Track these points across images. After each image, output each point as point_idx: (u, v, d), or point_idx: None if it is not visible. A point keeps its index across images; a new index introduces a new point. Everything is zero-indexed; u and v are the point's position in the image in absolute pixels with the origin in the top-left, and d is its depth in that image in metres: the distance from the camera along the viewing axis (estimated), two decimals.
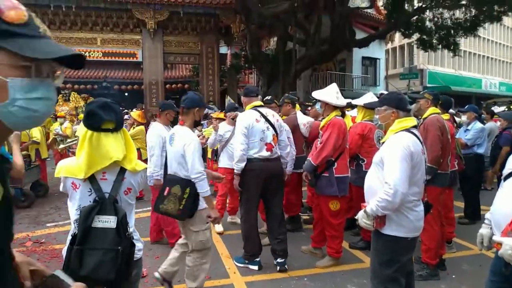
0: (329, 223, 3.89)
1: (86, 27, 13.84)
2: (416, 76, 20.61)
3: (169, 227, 4.56)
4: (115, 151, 1.88)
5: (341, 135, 3.76)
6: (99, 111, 1.88)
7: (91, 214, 1.80)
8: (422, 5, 12.57)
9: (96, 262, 1.75)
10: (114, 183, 1.91)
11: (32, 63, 0.80)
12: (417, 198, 2.43)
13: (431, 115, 3.77)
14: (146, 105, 14.01)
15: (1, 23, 0.77)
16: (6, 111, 0.79)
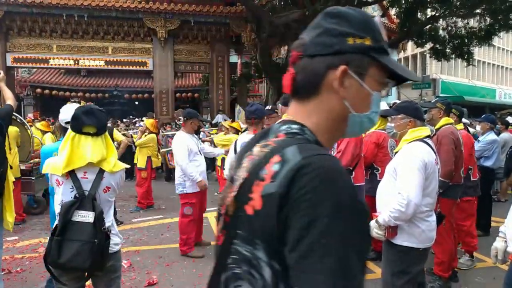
0: None
1: (98, 36, 14.03)
2: (428, 86, 20.38)
3: (184, 235, 4.53)
4: (91, 154, 2.10)
5: (358, 144, 3.72)
6: (82, 116, 2.11)
7: (71, 209, 2.03)
8: (435, 14, 12.46)
9: (74, 252, 1.98)
10: (94, 182, 2.12)
11: (389, 81, 0.84)
12: (430, 208, 2.40)
13: (444, 125, 3.67)
14: (157, 113, 14.06)
15: (381, 40, 0.80)
16: (361, 120, 0.81)
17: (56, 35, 13.78)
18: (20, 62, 13.82)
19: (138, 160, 7.05)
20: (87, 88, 20.24)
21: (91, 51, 14.06)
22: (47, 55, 13.80)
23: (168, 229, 5.62)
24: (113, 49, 14.19)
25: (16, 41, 13.57)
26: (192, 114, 4.65)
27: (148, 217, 6.38)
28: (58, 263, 2.02)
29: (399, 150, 2.47)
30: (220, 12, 13.62)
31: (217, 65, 14.94)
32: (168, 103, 14.55)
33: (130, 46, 14.28)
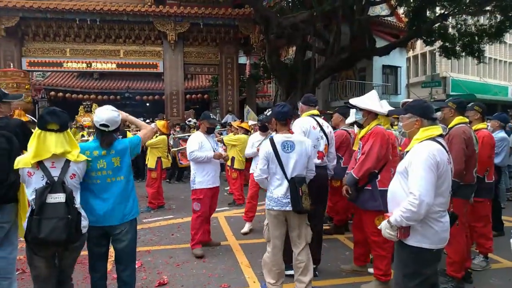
0: (375, 241, 3.54)
1: (110, 39, 14.28)
2: (438, 84, 20.16)
3: (192, 231, 4.66)
4: (55, 147, 2.49)
5: (384, 145, 3.50)
6: (46, 116, 2.51)
7: (45, 193, 2.41)
8: (444, 12, 12.34)
9: (51, 227, 2.36)
10: (62, 169, 2.53)
11: None
12: (443, 208, 2.35)
13: (457, 125, 3.63)
14: (167, 115, 14.25)
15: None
16: None
17: (69, 39, 14.07)
18: (35, 66, 14.15)
19: (148, 160, 7.22)
20: (100, 90, 20.55)
21: (103, 54, 14.32)
22: (60, 59, 14.10)
23: (178, 229, 5.71)
24: (124, 52, 14.44)
25: (31, 46, 13.90)
26: (203, 116, 4.88)
27: (158, 217, 6.49)
28: (38, 238, 2.37)
29: (410, 149, 2.42)
30: (228, 14, 13.74)
31: (226, 67, 15.08)
32: (178, 104, 14.74)
33: (141, 49, 14.51)
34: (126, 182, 2.93)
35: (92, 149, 2.82)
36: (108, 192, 2.85)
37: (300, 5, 13.56)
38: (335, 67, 13.53)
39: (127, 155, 2.92)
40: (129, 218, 2.94)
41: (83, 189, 2.79)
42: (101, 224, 2.84)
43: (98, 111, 2.88)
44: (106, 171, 2.82)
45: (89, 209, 2.81)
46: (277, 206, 3.26)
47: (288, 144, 3.27)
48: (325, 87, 16.79)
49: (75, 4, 12.92)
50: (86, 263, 4.18)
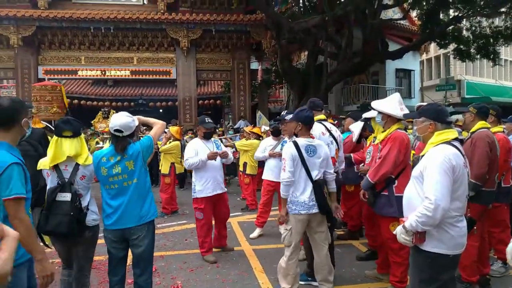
0: (391, 248, 3.50)
1: (123, 47, 14.51)
2: (453, 87, 19.82)
3: (199, 239, 4.69)
4: (69, 150, 2.80)
5: (402, 150, 3.42)
6: (61, 124, 2.85)
7: (55, 192, 2.76)
8: (458, 14, 12.20)
9: (57, 222, 2.69)
10: (72, 172, 2.83)
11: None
12: (460, 213, 2.31)
13: (479, 129, 3.58)
14: (180, 120, 14.36)
15: None
16: None
17: (84, 47, 14.34)
18: (51, 74, 14.41)
19: (162, 166, 7.27)
20: (114, 97, 20.86)
21: (117, 61, 14.54)
22: (76, 67, 14.35)
23: (192, 234, 5.71)
24: (138, 59, 14.64)
25: (47, 54, 14.21)
26: (199, 121, 4.85)
27: (172, 222, 6.53)
28: (45, 229, 2.72)
29: (425, 153, 2.39)
30: (240, 21, 13.83)
31: (238, 72, 15.15)
32: (191, 110, 14.85)
33: (154, 56, 14.69)
34: (142, 183, 3.00)
35: (108, 155, 2.95)
36: (125, 195, 2.95)
37: (312, 10, 13.57)
38: (347, 71, 13.48)
39: (140, 158, 2.99)
40: (146, 220, 3.00)
41: (103, 194, 3.00)
42: (118, 226, 2.94)
43: (113, 117, 2.98)
44: (122, 176, 2.93)
45: (107, 212, 2.95)
46: (304, 210, 3.32)
47: (310, 148, 3.37)
48: (337, 91, 16.72)
49: (89, 13, 13.18)
50: (102, 268, 4.25)
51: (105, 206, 3.00)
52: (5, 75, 14.59)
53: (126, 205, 2.93)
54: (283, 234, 3.44)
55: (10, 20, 12.90)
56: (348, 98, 16.87)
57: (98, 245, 5.17)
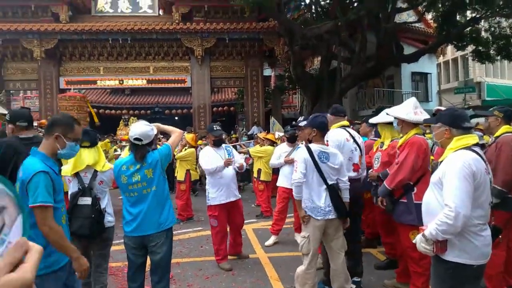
0: (411, 257, 3.38)
1: (140, 56, 14.84)
2: (472, 90, 19.43)
3: (214, 246, 4.70)
4: (88, 159, 3.13)
5: (421, 155, 3.30)
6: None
7: (77, 196, 3.06)
8: (476, 15, 11.96)
9: (79, 224, 2.95)
10: (91, 178, 3.12)
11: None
12: (483, 221, 2.21)
13: (504, 133, 3.46)
14: (195, 128, 14.51)
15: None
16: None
17: (102, 58, 14.75)
18: (72, 84, 14.80)
19: (177, 173, 7.34)
20: (131, 106, 21.24)
21: (134, 71, 14.89)
22: (95, 77, 14.78)
23: (207, 241, 5.70)
24: (154, 68, 14.94)
25: (68, 66, 14.69)
26: (207, 129, 4.93)
27: (187, 229, 6.55)
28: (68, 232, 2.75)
29: (444, 159, 2.30)
30: (253, 28, 13.95)
31: (252, 79, 15.25)
32: (205, 117, 14.99)
33: (169, 65, 14.96)
34: (160, 191, 3.04)
35: (128, 163, 3.01)
36: (144, 203, 3.00)
37: (324, 15, 13.56)
38: (361, 75, 13.37)
39: (159, 166, 3.03)
40: (164, 227, 3.04)
41: (124, 201, 3.09)
42: (138, 233, 2.99)
43: (132, 126, 3.06)
44: (141, 183, 2.98)
45: (127, 219, 3.02)
46: (321, 216, 3.29)
47: (323, 155, 3.35)
48: (352, 96, 16.60)
49: (108, 25, 13.56)
50: (120, 274, 4.31)
51: (125, 213, 3.06)
52: (29, 86, 15.20)
53: (146, 213, 2.98)
54: (301, 242, 3.40)
55: (34, 34, 13.41)
56: (363, 102, 16.71)
57: (116, 251, 5.28)
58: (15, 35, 13.28)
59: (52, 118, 2.35)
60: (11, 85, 14.60)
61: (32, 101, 22.02)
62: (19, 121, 2.94)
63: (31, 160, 2.20)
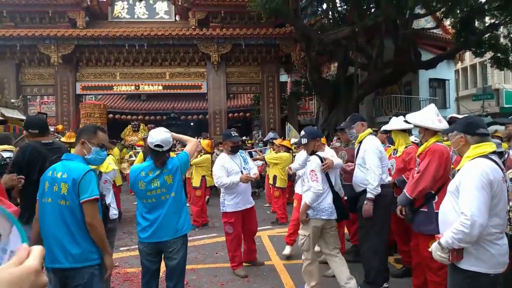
0: (429, 266, 3.33)
1: (156, 62, 15.02)
2: (491, 97, 19.08)
3: (230, 253, 4.68)
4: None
5: (442, 164, 3.25)
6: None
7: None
8: (495, 22, 11.78)
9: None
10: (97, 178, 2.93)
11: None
12: (499, 230, 2.19)
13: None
14: (211, 133, 14.57)
15: None
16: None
17: (119, 63, 14.97)
18: (88, 90, 15.15)
19: (193, 179, 7.36)
20: (147, 111, 21.51)
21: (150, 77, 15.07)
22: (111, 82, 15.01)
23: (222, 247, 5.69)
24: (170, 74, 15.09)
25: (85, 71, 14.94)
26: (224, 136, 4.81)
27: (203, 235, 6.55)
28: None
29: (461, 167, 2.29)
30: (269, 34, 13.99)
31: (268, 85, 15.26)
32: (221, 123, 15.05)
33: (185, 71, 15.10)
34: (178, 197, 3.06)
35: (147, 169, 3.01)
36: (162, 209, 3.00)
37: (341, 21, 13.52)
38: (379, 82, 13.26)
39: (178, 173, 3.07)
40: (181, 233, 3.05)
41: (139, 207, 3.09)
42: (154, 240, 2.99)
43: (153, 133, 3.05)
44: (160, 190, 2.98)
45: (143, 226, 3.01)
46: (325, 216, 3.62)
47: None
48: (369, 102, 16.45)
49: (124, 31, 13.79)
50: (135, 280, 4.32)
51: (141, 219, 3.05)
52: (46, 91, 15.46)
53: (163, 219, 2.97)
54: (301, 240, 3.71)
55: (51, 40, 13.72)
56: (380, 109, 16.54)
57: (130, 257, 5.33)
58: (33, 40, 13.59)
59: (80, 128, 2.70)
60: (28, 90, 14.88)
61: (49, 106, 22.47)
62: (31, 129, 3.22)
63: (74, 163, 2.45)
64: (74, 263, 2.35)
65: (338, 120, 12.28)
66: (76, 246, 2.35)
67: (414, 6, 11.14)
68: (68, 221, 2.34)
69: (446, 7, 11.42)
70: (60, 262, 2.35)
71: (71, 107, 14.61)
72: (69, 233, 2.35)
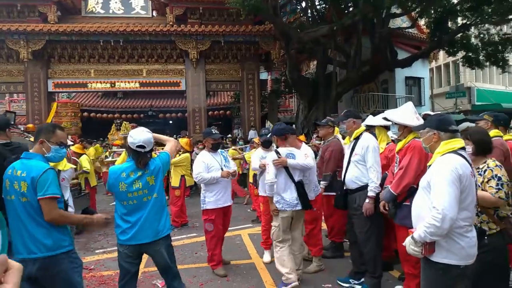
0: (406, 259, 3.46)
1: (133, 59, 14.71)
2: (463, 95, 19.68)
3: (209, 251, 4.64)
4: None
5: (423, 159, 3.35)
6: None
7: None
8: (466, 22, 12.16)
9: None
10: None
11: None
12: (469, 223, 2.29)
13: (494, 138, 3.48)
14: (190, 132, 14.42)
15: None
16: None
17: (93, 60, 14.57)
18: (61, 87, 14.65)
19: (172, 178, 7.24)
20: (124, 109, 21.10)
21: (126, 74, 14.73)
22: (85, 80, 14.57)
23: (202, 247, 5.63)
24: (147, 71, 14.80)
25: (57, 68, 14.44)
26: (205, 134, 4.78)
27: (182, 235, 6.47)
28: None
29: (432, 163, 2.38)
30: (249, 31, 13.93)
31: (248, 83, 15.21)
32: (200, 121, 14.90)
33: (163, 68, 14.85)
34: (160, 198, 3.04)
35: (128, 170, 2.95)
36: (143, 210, 2.96)
37: (320, 19, 13.62)
38: (357, 80, 13.44)
39: (160, 173, 3.04)
40: (162, 234, 3.02)
41: (119, 209, 3.01)
42: (135, 242, 2.94)
43: (134, 133, 2.99)
44: (142, 191, 2.94)
45: (123, 228, 2.94)
46: (289, 207, 3.91)
47: (290, 156, 3.97)
48: (347, 100, 16.66)
49: (99, 26, 13.42)
50: (110, 282, 4.21)
51: (120, 221, 2.98)
52: (15, 89, 14.81)
53: (145, 220, 2.93)
54: (273, 231, 4.04)
55: (20, 35, 13.19)
56: (358, 106, 16.79)
57: (107, 259, 5.21)
58: (0, 35, 13.03)
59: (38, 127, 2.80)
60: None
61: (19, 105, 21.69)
62: None
63: (33, 161, 2.50)
64: (47, 252, 2.49)
65: (317, 118, 12.37)
66: (48, 237, 2.49)
67: (390, 6, 11.34)
68: (34, 215, 2.47)
69: (421, 7, 11.69)
70: (34, 252, 2.48)
71: (42, 105, 14.10)
72: (39, 225, 2.47)
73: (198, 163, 4.56)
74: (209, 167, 4.50)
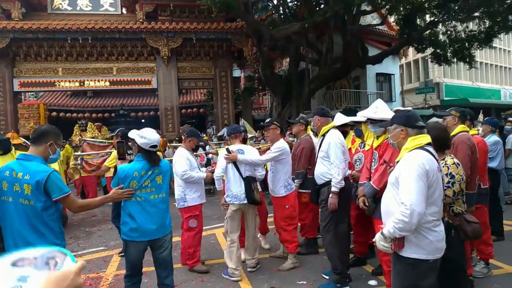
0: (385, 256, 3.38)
1: (102, 57, 14.28)
2: (432, 90, 20.31)
3: (191, 249, 4.55)
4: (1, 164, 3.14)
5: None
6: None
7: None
8: (434, 19, 12.49)
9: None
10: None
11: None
12: (437, 218, 2.32)
13: (460, 133, 3.61)
14: (162, 130, 14.18)
15: None
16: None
17: (61, 58, 14.05)
18: (27, 86, 14.08)
19: None
20: (94, 108, 20.52)
21: (96, 72, 14.29)
22: (53, 79, 14.04)
23: (175, 248, 5.58)
24: (117, 69, 14.42)
25: (23, 66, 13.85)
26: (193, 134, 4.76)
27: None
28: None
29: (400, 159, 2.40)
30: (221, 29, 13.81)
31: (221, 80, 15.09)
32: (173, 119, 14.68)
33: (134, 66, 14.50)
34: (166, 198, 3.27)
35: (141, 170, 3.11)
36: (154, 208, 3.14)
37: (292, 17, 13.67)
38: (329, 77, 13.59)
39: (168, 175, 3.29)
40: (169, 229, 3.29)
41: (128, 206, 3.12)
42: (148, 238, 3.14)
43: (146, 134, 3.15)
44: (150, 189, 3.13)
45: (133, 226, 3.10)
46: (237, 201, 4.16)
47: (240, 152, 4.25)
48: (320, 97, 16.84)
49: (66, 23, 12.93)
50: None
51: (128, 218, 3.10)
52: None
53: (157, 219, 3.13)
54: (225, 223, 4.32)
55: None
56: (331, 103, 17.01)
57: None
58: None
59: (43, 129, 2.67)
60: None
61: None
62: None
63: (34, 164, 2.50)
64: None
65: (291, 115, 12.45)
66: (42, 241, 2.47)
67: (360, 3, 11.51)
68: (32, 219, 2.47)
69: (390, 4, 11.92)
70: None
71: (8, 105, 13.50)
72: (34, 229, 2.49)
73: (182, 160, 4.47)
74: (190, 165, 4.50)
